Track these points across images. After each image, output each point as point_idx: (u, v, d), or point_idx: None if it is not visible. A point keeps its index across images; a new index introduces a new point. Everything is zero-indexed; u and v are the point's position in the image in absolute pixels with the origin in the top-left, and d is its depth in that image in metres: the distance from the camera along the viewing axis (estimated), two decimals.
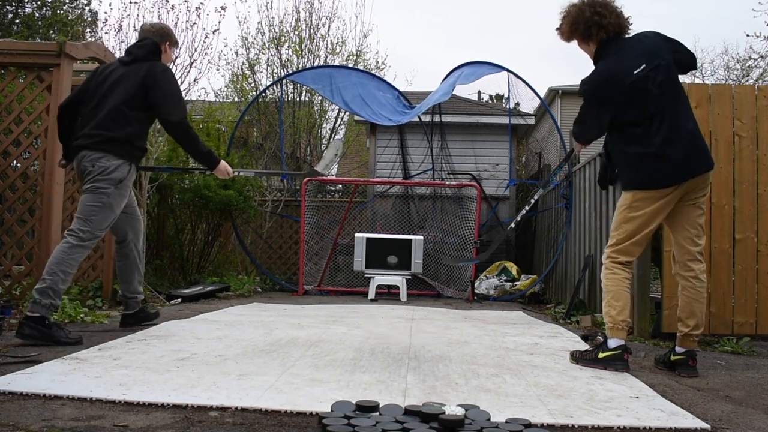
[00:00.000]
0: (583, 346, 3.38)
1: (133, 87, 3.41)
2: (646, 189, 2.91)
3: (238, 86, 12.85)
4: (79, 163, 3.44)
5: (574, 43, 3.10)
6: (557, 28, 3.17)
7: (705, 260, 3.83)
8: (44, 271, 3.22)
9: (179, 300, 5.47)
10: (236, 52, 15.59)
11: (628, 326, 2.96)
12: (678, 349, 2.99)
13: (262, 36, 12.46)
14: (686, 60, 3.00)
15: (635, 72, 2.86)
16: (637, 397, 2.35)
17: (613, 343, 2.88)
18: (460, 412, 1.94)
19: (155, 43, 3.58)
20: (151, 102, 3.43)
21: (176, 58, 6.17)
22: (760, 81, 15.49)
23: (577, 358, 3.02)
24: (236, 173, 3.97)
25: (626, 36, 3.02)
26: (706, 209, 3.87)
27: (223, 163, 3.70)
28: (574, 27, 3.05)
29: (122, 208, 3.50)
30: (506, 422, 1.93)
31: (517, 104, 9.48)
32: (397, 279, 6.68)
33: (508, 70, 7.59)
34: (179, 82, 6.22)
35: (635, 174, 2.94)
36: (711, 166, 2.94)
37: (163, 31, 3.68)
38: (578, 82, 3.05)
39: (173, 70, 4.04)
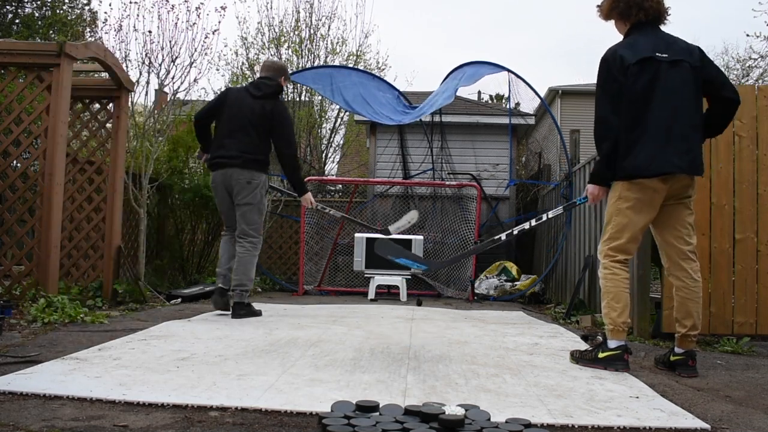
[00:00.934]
0: (583, 346, 3.38)
1: (263, 120, 4.34)
2: (629, 179, 2.88)
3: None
4: (225, 178, 4.33)
5: (611, 24, 3.09)
6: (598, 6, 3.17)
7: (705, 260, 3.85)
8: (242, 277, 4.35)
9: (179, 300, 5.47)
10: (236, 52, 15.55)
11: (628, 327, 2.95)
12: (677, 349, 2.98)
13: (262, 36, 12.45)
14: (712, 79, 2.93)
15: (657, 54, 2.86)
16: (637, 397, 2.35)
17: (613, 343, 2.88)
18: (460, 412, 1.94)
19: (279, 84, 4.48)
20: (273, 135, 4.40)
21: (175, 57, 6.16)
22: (760, 81, 15.49)
23: (577, 358, 3.02)
24: (318, 207, 4.97)
25: (662, 27, 3.02)
26: (706, 209, 3.90)
27: (309, 194, 4.67)
28: (614, 5, 3.04)
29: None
30: (506, 422, 1.93)
31: (518, 104, 9.47)
32: (397, 279, 6.67)
33: (509, 70, 7.58)
34: (179, 83, 6.25)
35: (622, 162, 2.88)
36: (695, 172, 2.89)
37: (283, 69, 4.61)
38: (579, 82, 3.06)
39: (174, 70, 4.99)
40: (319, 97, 11.89)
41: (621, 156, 2.89)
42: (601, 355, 2.88)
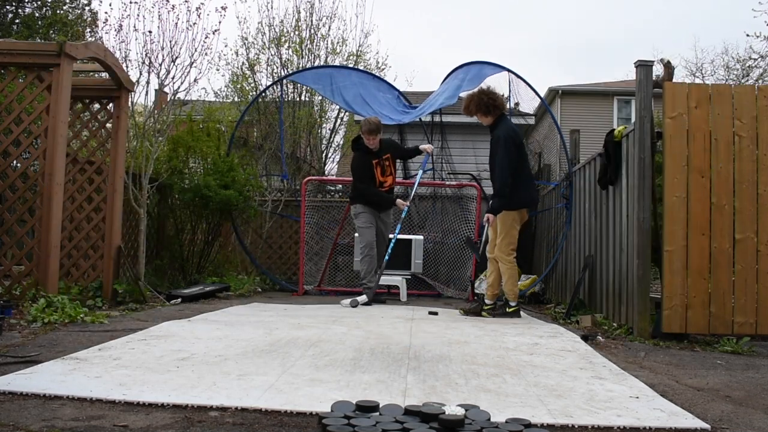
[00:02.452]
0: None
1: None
2: (517, 209, 4.95)
3: (238, 86, 12.85)
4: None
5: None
6: (465, 108, 5.04)
7: (705, 260, 3.92)
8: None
9: (179, 300, 5.47)
10: (236, 52, 15.56)
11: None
12: (488, 300, 5.02)
13: (263, 36, 12.47)
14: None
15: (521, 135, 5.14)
16: (637, 397, 2.35)
17: (513, 303, 4.96)
18: (460, 412, 1.94)
19: (356, 137, 6.11)
20: None
21: (175, 57, 6.16)
22: (760, 81, 15.50)
23: (494, 315, 4.86)
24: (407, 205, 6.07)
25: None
26: (706, 209, 3.93)
27: (398, 200, 5.96)
28: (479, 107, 4.95)
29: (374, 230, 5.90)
30: (506, 422, 1.93)
31: (517, 104, 9.47)
32: (397, 279, 6.67)
33: (509, 70, 7.57)
34: (179, 83, 6.27)
35: (513, 198, 4.87)
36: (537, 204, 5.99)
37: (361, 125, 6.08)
38: (579, 82, 3.14)
39: (174, 70, 5.47)
40: (319, 98, 11.91)
41: (513, 194, 4.85)
42: (509, 310, 4.92)
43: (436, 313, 4.99)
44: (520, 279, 7.35)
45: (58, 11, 13.44)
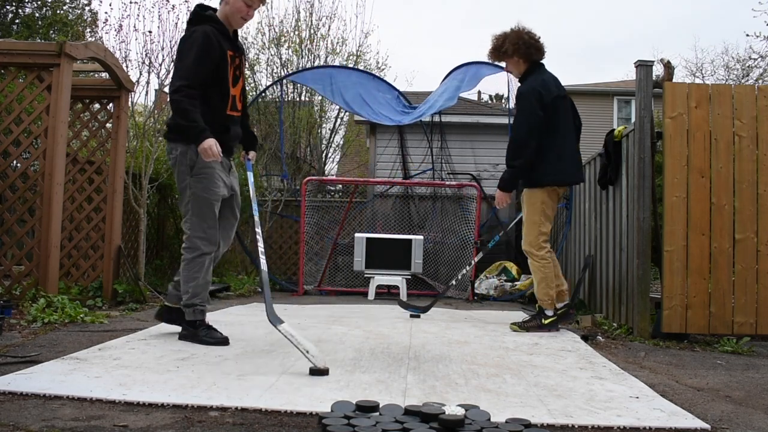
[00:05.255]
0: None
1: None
2: (549, 186, 4.01)
3: None
4: None
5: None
6: (496, 48, 4.05)
7: (705, 260, 3.92)
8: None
9: None
10: None
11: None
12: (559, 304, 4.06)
13: (262, 36, 12.46)
14: (574, 106, 4.18)
15: (560, 91, 3.96)
16: (637, 397, 2.35)
17: (550, 312, 4.03)
18: (460, 412, 1.95)
19: (195, 8, 3.12)
20: None
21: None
22: (760, 81, 15.50)
23: (525, 327, 3.97)
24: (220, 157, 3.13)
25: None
26: (706, 209, 3.92)
27: (207, 142, 2.98)
28: (516, 47, 3.95)
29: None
30: (506, 422, 1.93)
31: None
32: (397, 279, 6.67)
33: (509, 71, 7.57)
34: None
35: (545, 171, 3.94)
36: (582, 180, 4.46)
37: None
38: (579, 82, 3.17)
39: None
40: (319, 97, 11.90)
41: (539, 165, 3.93)
42: (544, 321, 3.99)
43: (418, 316, 4.61)
44: (519, 279, 7.37)
45: (58, 11, 13.45)
